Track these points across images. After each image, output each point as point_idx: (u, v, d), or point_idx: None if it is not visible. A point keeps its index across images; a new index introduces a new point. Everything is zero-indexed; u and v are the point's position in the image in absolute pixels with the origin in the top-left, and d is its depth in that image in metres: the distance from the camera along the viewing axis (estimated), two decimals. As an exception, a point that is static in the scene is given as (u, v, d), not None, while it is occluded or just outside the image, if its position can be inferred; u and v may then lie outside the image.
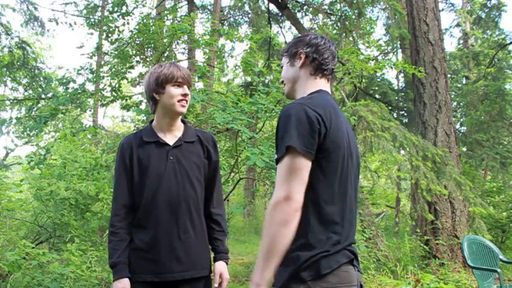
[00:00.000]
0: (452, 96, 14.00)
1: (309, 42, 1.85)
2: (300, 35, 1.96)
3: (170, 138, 2.29)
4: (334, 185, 1.65)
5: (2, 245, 4.74)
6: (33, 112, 8.04)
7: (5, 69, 14.77)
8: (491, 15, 14.68)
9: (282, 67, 1.96)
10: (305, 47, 1.84)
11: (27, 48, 14.54)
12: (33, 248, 4.35)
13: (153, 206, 2.19)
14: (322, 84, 1.84)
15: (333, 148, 1.63)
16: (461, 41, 17.00)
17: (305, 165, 1.58)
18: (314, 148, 1.59)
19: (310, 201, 1.61)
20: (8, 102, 15.84)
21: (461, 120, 15.23)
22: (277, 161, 1.64)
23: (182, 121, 2.37)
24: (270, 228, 1.56)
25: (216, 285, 2.29)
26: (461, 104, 15.19)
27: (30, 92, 14.64)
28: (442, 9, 15.97)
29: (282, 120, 1.65)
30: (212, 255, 2.38)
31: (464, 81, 15.47)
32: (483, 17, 14.93)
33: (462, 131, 14.30)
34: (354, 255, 1.70)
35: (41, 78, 14.47)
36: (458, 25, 16.39)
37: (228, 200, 6.70)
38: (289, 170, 1.58)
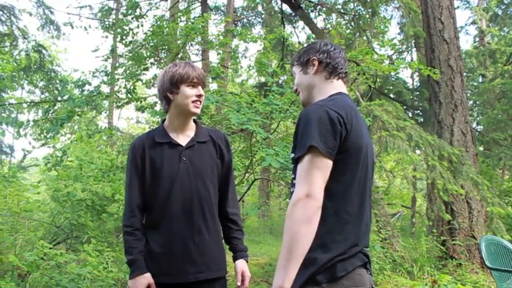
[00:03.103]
0: (469, 95, 13.84)
1: (320, 49, 1.85)
2: (308, 43, 1.96)
3: (182, 139, 2.26)
4: (352, 187, 1.64)
5: (21, 245, 4.80)
6: (50, 114, 8.15)
7: (22, 72, 14.98)
8: (508, 12, 14.47)
9: (293, 76, 1.95)
10: (317, 53, 1.84)
11: (44, 51, 14.72)
12: (50, 248, 4.40)
13: (166, 207, 2.17)
14: (340, 86, 1.83)
15: (353, 150, 1.63)
16: (477, 39, 16.78)
17: (326, 165, 1.57)
18: (335, 149, 1.59)
19: (327, 202, 1.59)
20: (25, 105, 16.05)
21: (478, 119, 15.05)
22: (297, 160, 1.62)
23: (194, 121, 2.34)
24: (292, 226, 1.52)
25: (239, 283, 2.27)
26: (477, 102, 15.01)
27: (47, 94, 14.84)
28: (457, 7, 15.80)
29: (303, 120, 1.64)
30: (231, 254, 2.37)
31: (480, 80, 15.28)
32: (500, 14, 14.73)
33: (479, 130, 14.12)
34: (367, 258, 1.70)
35: (57, 81, 14.65)
36: (474, 23, 16.20)
37: (243, 201, 6.71)
38: (311, 168, 1.56)
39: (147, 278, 2.13)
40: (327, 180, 1.58)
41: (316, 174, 1.55)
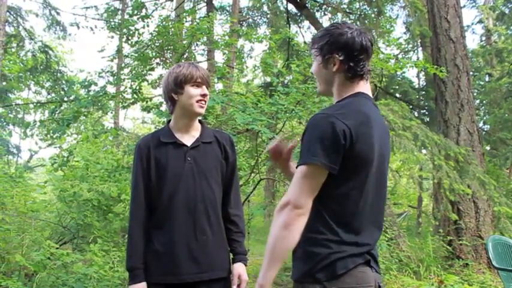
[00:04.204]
0: (475, 94, 13.78)
1: (344, 46, 1.71)
2: (331, 27, 1.79)
3: (188, 139, 2.27)
4: (356, 193, 1.65)
5: (28, 245, 4.83)
6: (56, 115, 8.17)
7: (29, 73, 15.07)
8: (515, 11, 14.39)
9: (312, 59, 1.86)
10: (339, 52, 1.72)
11: (50, 52, 14.83)
12: (57, 248, 4.43)
13: (170, 207, 2.18)
14: (360, 86, 1.76)
15: (358, 159, 1.62)
16: (483, 38, 16.70)
17: (319, 177, 1.61)
18: (337, 163, 1.60)
19: (329, 208, 1.64)
20: (31, 106, 16.14)
21: (485, 118, 14.99)
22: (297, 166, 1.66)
23: (199, 121, 2.35)
24: (273, 230, 1.63)
25: (235, 287, 2.27)
26: (484, 102, 14.95)
27: (53, 95, 14.92)
28: (464, 6, 15.74)
29: (309, 130, 1.65)
30: (231, 256, 2.37)
31: (487, 79, 15.21)
32: (507, 12, 14.64)
33: (485, 129, 14.07)
34: (371, 256, 1.69)
35: (63, 82, 14.73)
36: (480, 21, 16.13)
37: (248, 201, 6.71)
38: (302, 177, 1.61)
39: (142, 287, 2.17)
40: (317, 190, 1.62)
41: (304, 184, 1.61)
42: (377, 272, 1.71)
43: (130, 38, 7.63)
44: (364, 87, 1.78)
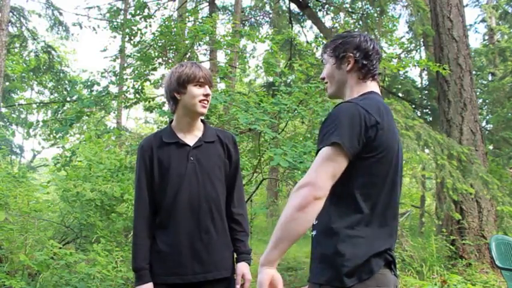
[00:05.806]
0: (478, 93, 13.73)
1: (358, 46, 1.78)
2: (346, 32, 1.87)
3: (190, 139, 2.26)
4: (384, 188, 1.64)
5: (31, 245, 4.85)
6: (59, 115, 8.20)
7: (32, 73, 15.13)
8: (518, 10, 14.37)
9: (323, 62, 1.89)
10: (354, 51, 1.78)
11: (53, 52, 14.88)
12: (60, 248, 4.44)
13: (174, 207, 2.18)
14: (372, 86, 1.80)
15: (383, 149, 1.62)
16: (486, 37, 16.66)
17: (342, 162, 1.57)
18: (358, 149, 1.57)
19: (363, 202, 1.60)
20: (34, 106, 16.19)
21: (488, 117, 14.94)
22: (318, 151, 1.62)
23: (202, 121, 2.35)
24: (286, 210, 1.54)
25: (238, 286, 2.26)
26: (487, 101, 14.90)
27: (56, 95, 14.97)
28: (466, 5, 15.70)
29: (333, 115, 1.63)
30: (235, 255, 2.36)
31: (490, 78, 15.17)
32: (510, 11, 14.61)
33: (488, 128, 14.03)
34: (392, 258, 1.67)
35: (66, 82, 14.77)
36: (483, 20, 16.08)
37: (251, 201, 6.71)
38: (324, 160, 1.56)
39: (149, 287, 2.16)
40: (337, 176, 1.57)
41: (327, 167, 1.55)
42: (395, 275, 1.69)
43: (132, 38, 7.63)
44: (376, 88, 1.82)
